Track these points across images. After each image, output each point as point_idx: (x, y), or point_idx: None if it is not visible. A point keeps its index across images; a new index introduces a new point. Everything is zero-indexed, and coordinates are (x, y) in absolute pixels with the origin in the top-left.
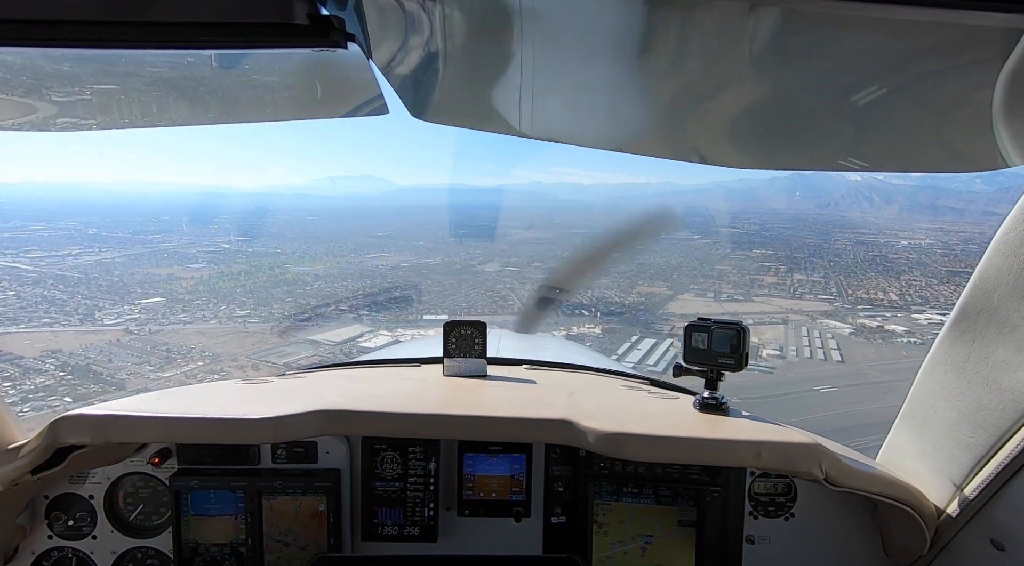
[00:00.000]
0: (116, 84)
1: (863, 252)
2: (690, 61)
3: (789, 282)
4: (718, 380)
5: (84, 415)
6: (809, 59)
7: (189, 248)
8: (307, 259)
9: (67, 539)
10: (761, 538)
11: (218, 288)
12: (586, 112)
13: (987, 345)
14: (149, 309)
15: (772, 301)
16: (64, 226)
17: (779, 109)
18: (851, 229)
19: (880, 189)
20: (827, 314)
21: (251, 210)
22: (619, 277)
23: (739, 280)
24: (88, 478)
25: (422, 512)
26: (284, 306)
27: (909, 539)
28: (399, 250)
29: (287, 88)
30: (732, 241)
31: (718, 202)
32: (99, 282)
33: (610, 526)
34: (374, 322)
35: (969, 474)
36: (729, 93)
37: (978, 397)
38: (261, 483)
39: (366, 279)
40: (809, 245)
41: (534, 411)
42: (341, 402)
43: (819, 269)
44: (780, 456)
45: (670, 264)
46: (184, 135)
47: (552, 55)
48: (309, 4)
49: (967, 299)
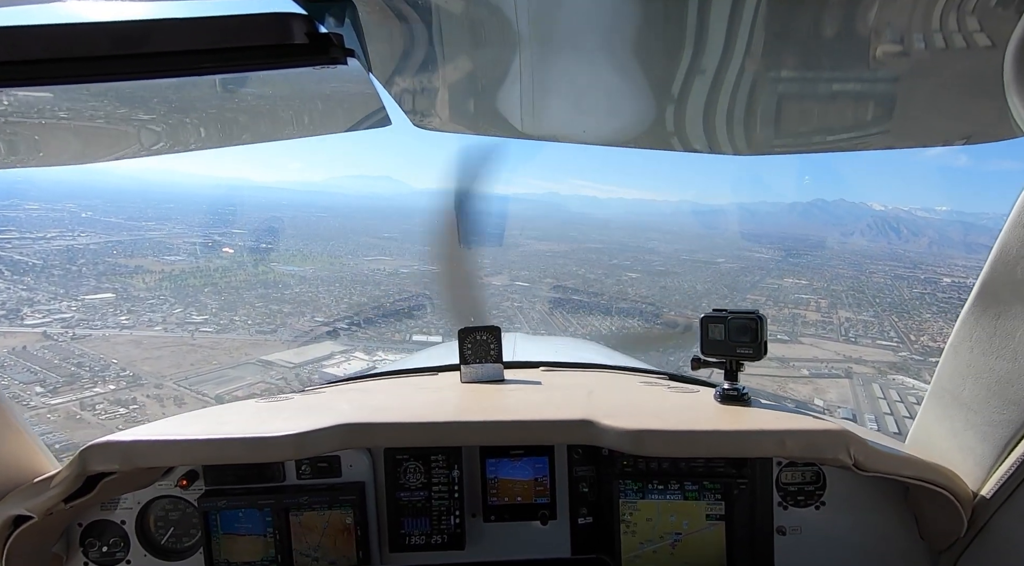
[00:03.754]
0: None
1: (907, 289)
2: (692, 44)
3: (835, 320)
4: (738, 370)
5: (112, 442)
6: (815, 39)
7: (175, 239)
8: (298, 258)
9: (103, 565)
10: (792, 528)
11: (184, 286)
12: (587, 108)
13: (1012, 318)
14: (90, 307)
15: (823, 344)
16: (60, 208)
17: (786, 91)
18: (883, 261)
19: (907, 221)
20: (895, 367)
21: (260, 203)
22: (639, 302)
23: (777, 315)
24: (119, 504)
25: (448, 520)
26: (250, 313)
27: (945, 522)
28: (401, 254)
29: (291, 107)
30: (760, 268)
31: (738, 224)
32: (54, 270)
33: (638, 525)
34: (352, 340)
35: (1003, 452)
36: (734, 77)
37: (1007, 373)
38: (287, 499)
39: (356, 286)
40: (845, 277)
41: (554, 412)
42: (361, 415)
43: (865, 306)
44: (806, 444)
45: (696, 290)
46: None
47: (550, 54)
48: (307, 23)
49: (988, 274)
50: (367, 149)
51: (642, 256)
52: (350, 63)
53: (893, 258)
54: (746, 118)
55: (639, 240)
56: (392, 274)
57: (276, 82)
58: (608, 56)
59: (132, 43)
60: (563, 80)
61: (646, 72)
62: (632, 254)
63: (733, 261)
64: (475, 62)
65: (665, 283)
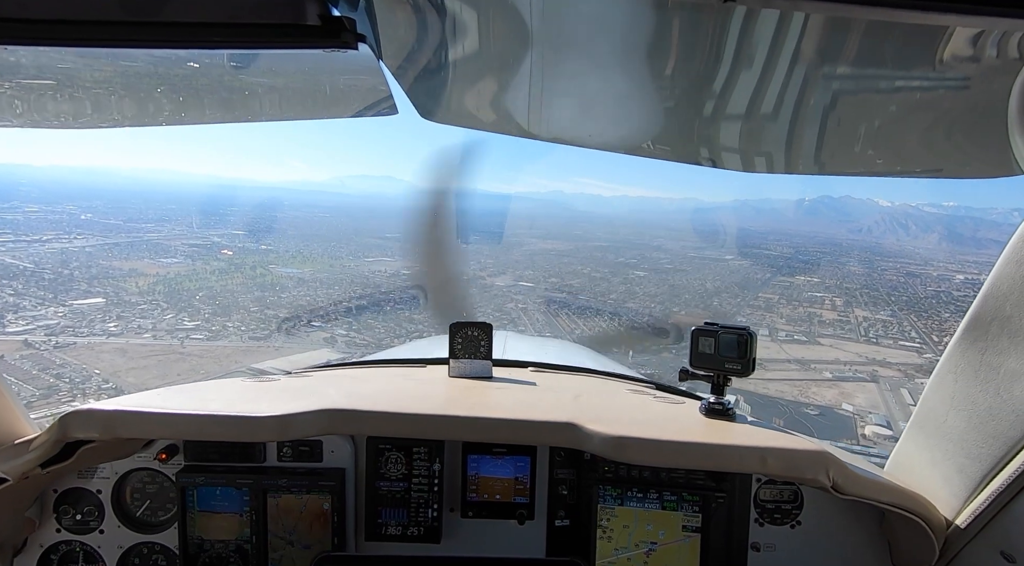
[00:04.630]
0: (130, 82)
1: (920, 286)
2: (701, 63)
3: (852, 319)
4: (724, 385)
5: (93, 410)
6: (821, 62)
7: (174, 240)
8: (298, 260)
9: (75, 533)
10: (767, 545)
11: (179, 289)
12: (595, 113)
13: (999, 354)
14: (77, 313)
15: (844, 345)
16: (60, 210)
17: (790, 112)
18: (894, 258)
19: (916, 217)
20: (922, 370)
21: (262, 203)
22: (648, 300)
23: (792, 314)
24: (96, 473)
25: (426, 513)
26: (245, 319)
27: (917, 550)
28: (404, 254)
29: (297, 87)
30: (770, 265)
31: (744, 221)
32: (44, 274)
33: (614, 531)
34: (349, 346)
35: (979, 485)
36: (740, 97)
37: (989, 407)
38: (266, 481)
39: (356, 288)
40: (856, 274)
41: (539, 413)
42: (346, 401)
43: (882, 305)
44: (786, 463)
45: (706, 289)
46: (207, 128)
47: (561, 56)
48: (321, 5)
49: (979, 307)
50: (370, 148)
51: (648, 254)
52: (360, 49)
53: (903, 255)
54: (755, 136)
55: (645, 238)
56: (393, 275)
57: (285, 62)
58: (619, 62)
59: (142, 10)
60: (572, 83)
61: (656, 81)
62: (638, 252)
63: (742, 259)
64: (486, 58)
65: (674, 281)
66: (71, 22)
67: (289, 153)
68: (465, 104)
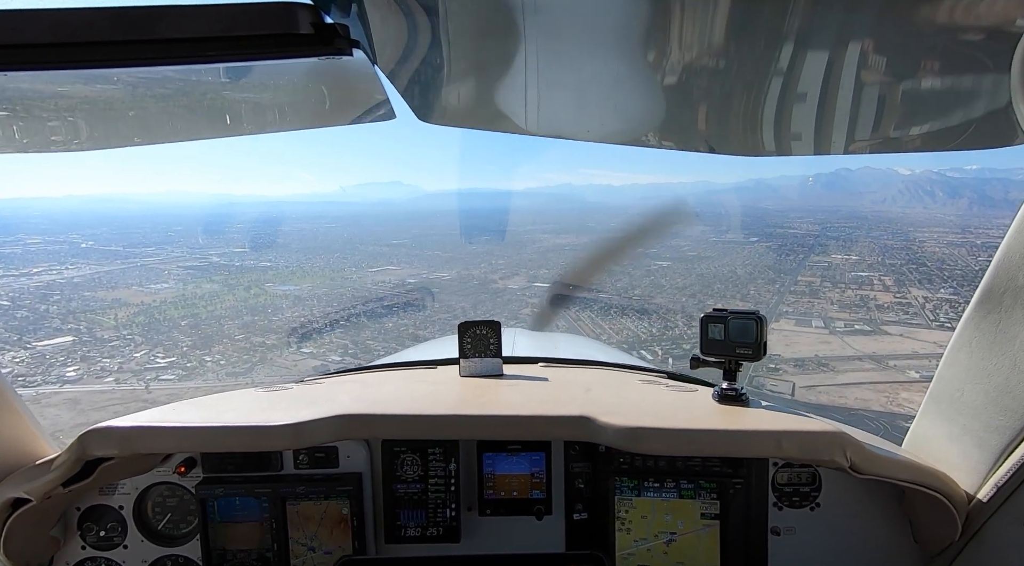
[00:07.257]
0: (129, 102)
1: (970, 256)
2: (697, 47)
3: (912, 301)
4: (736, 371)
5: (111, 428)
6: (820, 41)
7: (170, 264)
8: (297, 275)
9: (100, 549)
10: (787, 529)
11: (162, 318)
12: (592, 106)
13: (1013, 325)
14: (37, 358)
15: (915, 333)
16: (62, 240)
17: (790, 93)
18: (928, 227)
19: (940, 183)
20: None
21: (268, 218)
22: (677, 293)
23: (843, 299)
24: (117, 489)
25: (444, 513)
26: (227, 350)
27: (939, 526)
28: (410, 261)
29: (295, 97)
30: (800, 244)
31: (762, 200)
32: (18, 313)
33: (633, 522)
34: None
35: (999, 458)
36: (738, 79)
37: (1006, 378)
38: (284, 489)
39: (357, 303)
40: (894, 248)
41: (552, 408)
42: (359, 406)
43: (937, 281)
44: (802, 445)
45: (738, 275)
46: (216, 147)
47: (556, 50)
48: (313, 13)
49: (991, 279)
50: (375, 155)
51: (668, 241)
52: (355, 55)
53: (936, 223)
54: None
55: (635, 219)
56: (398, 285)
57: (280, 72)
58: (615, 52)
59: (136, 29)
60: (568, 78)
61: (652, 70)
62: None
63: (767, 240)
64: (480, 56)
65: (701, 270)
66: (66, 45)
67: (298, 166)
68: (462, 104)
